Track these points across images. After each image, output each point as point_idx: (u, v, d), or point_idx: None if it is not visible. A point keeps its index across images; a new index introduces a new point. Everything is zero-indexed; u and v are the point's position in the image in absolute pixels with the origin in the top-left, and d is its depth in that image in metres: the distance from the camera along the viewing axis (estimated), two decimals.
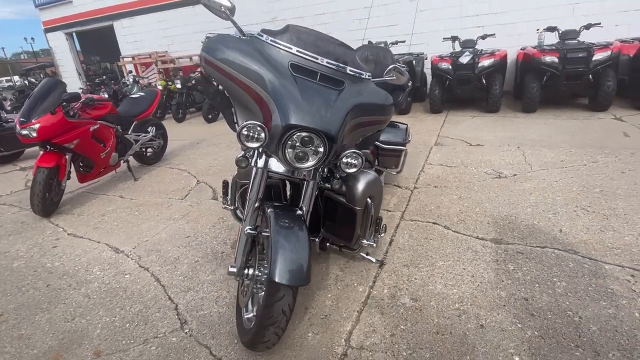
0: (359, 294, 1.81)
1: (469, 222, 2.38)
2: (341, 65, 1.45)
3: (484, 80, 5.49)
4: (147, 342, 1.62)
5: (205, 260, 2.22)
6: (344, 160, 1.49)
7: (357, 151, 1.47)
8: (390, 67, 1.67)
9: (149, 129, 4.23)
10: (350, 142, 1.56)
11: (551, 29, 5.26)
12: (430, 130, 4.85)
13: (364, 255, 2.00)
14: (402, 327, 1.57)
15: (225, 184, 2.05)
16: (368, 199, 1.65)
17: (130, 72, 9.37)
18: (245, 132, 1.31)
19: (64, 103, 3.00)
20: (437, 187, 2.99)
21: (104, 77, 9.50)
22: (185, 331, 1.66)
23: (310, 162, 1.39)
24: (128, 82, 8.09)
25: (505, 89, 5.87)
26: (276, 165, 1.50)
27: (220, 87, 1.61)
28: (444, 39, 6.04)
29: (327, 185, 1.65)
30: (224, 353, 1.52)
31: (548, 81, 5.12)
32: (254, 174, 1.50)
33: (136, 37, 10.53)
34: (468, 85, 5.55)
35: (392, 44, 6.03)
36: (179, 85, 7.27)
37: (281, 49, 1.41)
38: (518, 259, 1.95)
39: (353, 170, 1.51)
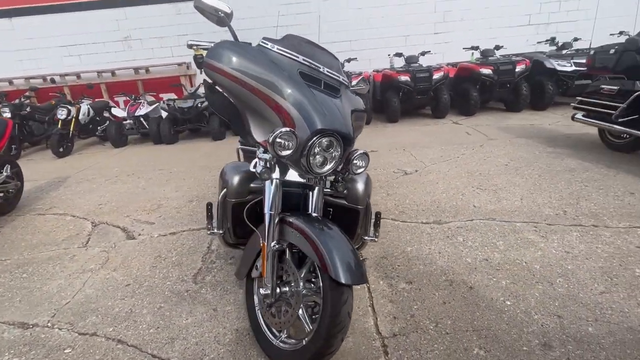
0: (360, 292, 1.88)
1: (408, 212, 2.74)
2: (337, 74, 1.55)
3: None
4: None
5: (171, 304, 1.89)
6: (355, 162, 1.57)
7: (365, 152, 1.57)
8: (361, 77, 1.85)
9: (1, 168, 3.24)
10: None
11: (398, 55, 6.47)
12: None
13: None
14: (415, 307, 1.73)
15: (209, 206, 1.81)
16: (367, 198, 1.76)
17: None
18: (279, 141, 1.26)
19: None
20: None
21: None
22: None
23: (329, 166, 1.43)
24: None
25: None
26: (291, 175, 1.47)
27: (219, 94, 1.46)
28: None
29: (327, 190, 1.69)
30: None
31: (404, 96, 6.26)
32: (270, 186, 1.42)
33: None
34: None
35: None
36: (7, 114, 5.70)
37: (289, 57, 1.42)
38: (461, 232, 2.38)
39: (361, 170, 1.61)
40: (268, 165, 1.38)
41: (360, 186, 1.71)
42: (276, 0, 7.41)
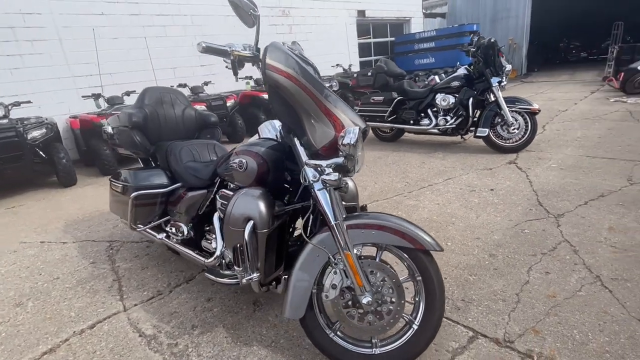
0: None
1: None
2: None
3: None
4: None
5: None
6: (359, 160, 1.71)
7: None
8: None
9: None
10: None
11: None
12: None
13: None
14: None
15: (239, 248, 1.34)
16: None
17: None
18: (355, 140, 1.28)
19: None
20: None
21: None
22: None
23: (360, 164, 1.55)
24: None
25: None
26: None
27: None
28: None
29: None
30: None
31: None
32: (327, 196, 1.37)
33: None
34: None
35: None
36: None
37: (309, 64, 1.41)
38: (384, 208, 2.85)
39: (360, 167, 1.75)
40: (339, 170, 1.33)
41: (352, 184, 1.86)
42: None
